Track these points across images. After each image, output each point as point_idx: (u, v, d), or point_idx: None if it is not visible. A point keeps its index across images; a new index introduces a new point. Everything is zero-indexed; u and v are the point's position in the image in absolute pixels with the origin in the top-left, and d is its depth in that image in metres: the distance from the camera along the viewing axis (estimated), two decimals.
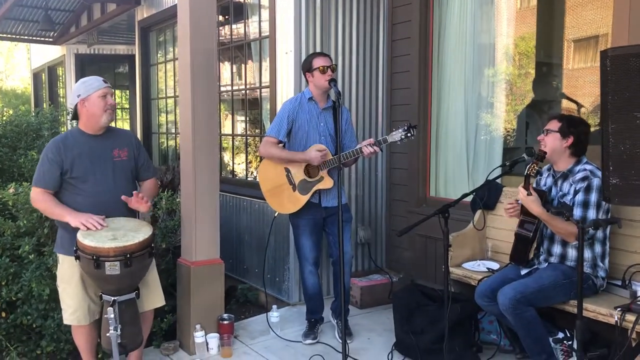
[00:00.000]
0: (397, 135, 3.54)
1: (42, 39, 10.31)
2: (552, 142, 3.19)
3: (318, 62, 3.69)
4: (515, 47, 4.64)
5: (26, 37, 10.35)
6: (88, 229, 2.90)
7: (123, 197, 3.06)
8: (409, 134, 3.52)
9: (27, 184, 3.85)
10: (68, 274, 3.08)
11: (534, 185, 3.31)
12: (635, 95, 2.19)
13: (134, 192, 3.07)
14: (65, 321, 3.15)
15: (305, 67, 3.76)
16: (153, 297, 3.25)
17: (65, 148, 3.05)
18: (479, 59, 4.51)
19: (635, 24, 3.28)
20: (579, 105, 4.68)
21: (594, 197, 3.05)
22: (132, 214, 3.18)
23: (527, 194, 3.04)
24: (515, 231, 3.28)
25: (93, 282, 3.01)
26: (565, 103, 4.84)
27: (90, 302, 3.10)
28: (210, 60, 3.79)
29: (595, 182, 3.04)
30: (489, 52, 4.52)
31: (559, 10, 4.74)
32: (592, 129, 4.44)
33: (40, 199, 3.05)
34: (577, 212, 3.07)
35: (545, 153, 3.13)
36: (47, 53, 11.34)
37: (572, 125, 3.19)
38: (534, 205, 3.05)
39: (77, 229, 2.92)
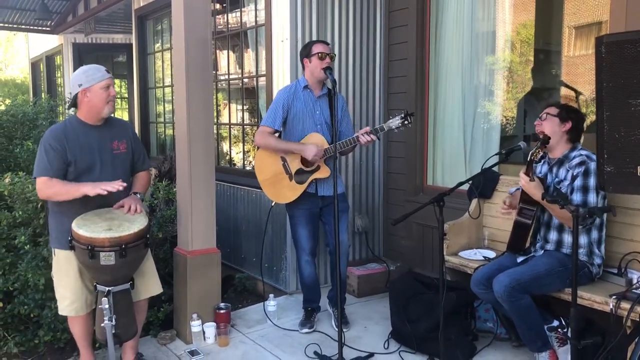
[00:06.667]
0: (394, 123, 3.51)
1: (39, 28, 10.25)
2: (550, 126, 3.16)
3: (317, 48, 3.67)
4: (514, 35, 4.60)
5: (23, 27, 10.28)
6: (109, 192, 2.85)
7: (114, 206, 3.04)
8: (406, 122, 3.49)
9: (23, 174, 3.84)
10: (65, 267, 3.06)
11: None
12: (630, 82, 2.17)
13: (126, 205, 3.04)
14: (62, 312, 3.13)
15: (304, 53, 3.73)
16: (149, 285, 3.24)
17: (67, 139, 2.97)
18: (477, 46, 4.47)
19: (632, 10, 3.24)
20: (578, 93, 4.65)
21: (592, 180, 3.02)
22: None
23: (530, 180, 3.00)
24: (515, 219, 3.26)
25: (88, 272, 3.00)
26: (564, 91, 4.81)
27: (87, 293, 3.09)
28: (205, 50, 3.75)
29: (593, 165, 3.02)
30: (487, 39, 4.48)
31: None
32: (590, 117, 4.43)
33: (48, 185, 2.94)
34: (577, 197, 3.03)
35: (549, 138, 3.06)
36: (45, 42, 11.29)
37: (571, 111, 3.19)
38: (536, 191, 3.00)
39: (68, 222, 2.89)
